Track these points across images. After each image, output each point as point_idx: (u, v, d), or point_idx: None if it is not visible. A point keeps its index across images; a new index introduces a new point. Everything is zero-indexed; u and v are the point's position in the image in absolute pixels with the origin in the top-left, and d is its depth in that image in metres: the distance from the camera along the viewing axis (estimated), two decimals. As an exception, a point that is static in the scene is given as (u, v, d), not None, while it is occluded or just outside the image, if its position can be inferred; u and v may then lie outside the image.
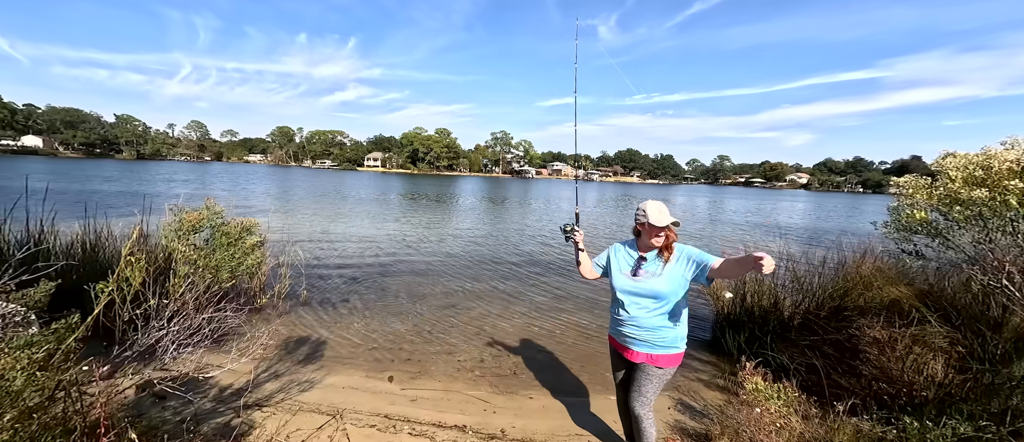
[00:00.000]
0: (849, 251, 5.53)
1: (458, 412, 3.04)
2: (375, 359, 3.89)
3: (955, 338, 3.96)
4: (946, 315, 4.30)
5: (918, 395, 2.75)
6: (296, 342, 4.14)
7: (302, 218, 13.12)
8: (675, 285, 1.97)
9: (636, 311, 2.02)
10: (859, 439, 2.20)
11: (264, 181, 33.52)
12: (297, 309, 5.03)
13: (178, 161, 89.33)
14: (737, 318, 4.37)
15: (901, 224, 2.47)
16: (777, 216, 24.24)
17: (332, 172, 77.08)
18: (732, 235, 14.08)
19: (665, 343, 2.01)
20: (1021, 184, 1.67)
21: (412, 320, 4.89)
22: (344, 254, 8.16)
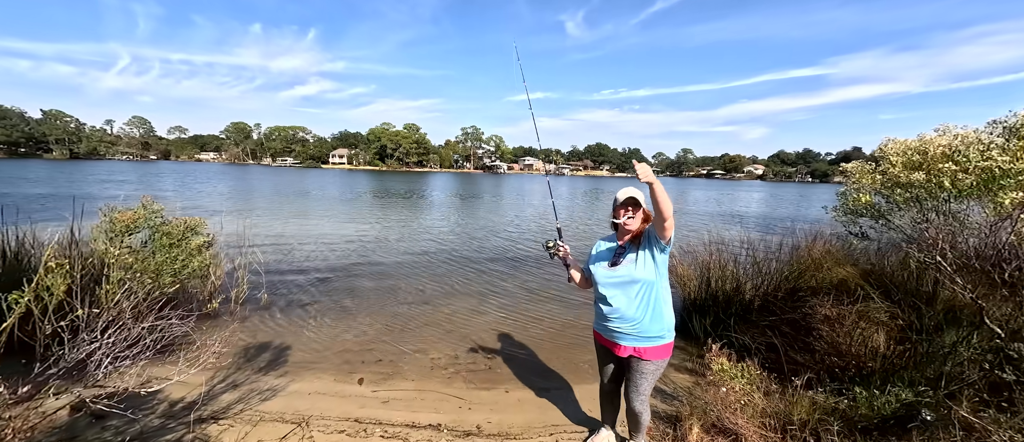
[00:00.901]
0: (802, 236, 5.90)
1: (432, 411, 2.97)
2: (344, 361, 3.73)
3: (895, 312, 4.30)
4: (887, 292, 4.67)
5: (865, 366, 2.96)
6: (257, 349, 3.90)
7: (262, 218, 12.41)
8: (649, 267, 1.94)
9: (618, 302, 1.98)
10: (815, 410, 2.33)
11: (217, 180, 31.42)
12: (258, 314, 4.74)
13: (119, 160, 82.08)
14: (703, 303, 4.54)
15: (848, 208, 2.62)
16: (737, 206, 25.52)
17: (295, 170, 73.46)
18: (698, 225, 14.68)
19: (651, 334, 1.98)
20: (954, 166, 1.80)
21: (383, 320, 4.73)
22: (309, 255, 7.79)
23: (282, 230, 10.42)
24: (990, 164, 1.69)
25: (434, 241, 9.92)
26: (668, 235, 1.84)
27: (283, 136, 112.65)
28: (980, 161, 1.73)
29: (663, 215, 1.72)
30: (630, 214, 1.97)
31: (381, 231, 11.01)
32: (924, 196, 1.96)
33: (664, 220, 1.74)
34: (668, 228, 1.79)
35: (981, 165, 1.72)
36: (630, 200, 1.97)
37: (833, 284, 4.79)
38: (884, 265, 5.01)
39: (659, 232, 1.84)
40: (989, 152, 1.76)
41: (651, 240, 1.92)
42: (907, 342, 3.42)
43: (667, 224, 1.77)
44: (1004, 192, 1.62)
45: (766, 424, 2.40)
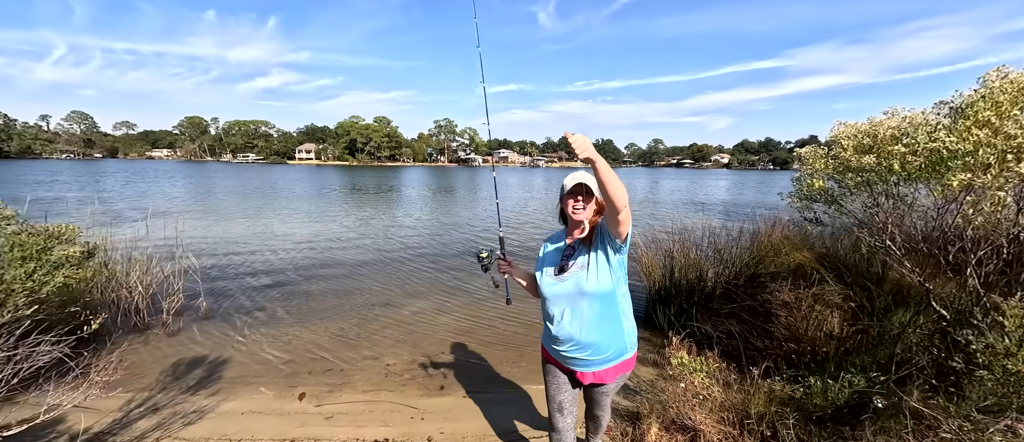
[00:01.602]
0: (762, 222, 6.02)
1: (381, 424, 2.75)
2: (288, 374, 3.43)
3: (847, 294, 4.40)
4: (840, 274, 4.79)
5: (820, 352, 2.97)
6: (188, 365, 3.53)
7: (211, 219, 11.58)
8: (604, 274, 1.53)
9: (569, 320, 1.57)
10: (772, 401, 2.28)
11: (167, 179, 29.32)
12: (195, 324, 4.32)
13: (58, 160, 75.45)
14: (667, 293, 4.51)
15: (803, 193, 2.57)
16: (703, 194, 26.31)
17: (258, 167, 69.90)
18: (666, 214, 14.94)
19: (613, 353, 1.60)
20: (903, 148, 1.74)
21: (337, 325, 4.43)
22: (262, 257, 7.29)
23: (235, 231, 9.74)
24: (937, 145, 1.62)
25: (400, 239, 9.57)
26: (623, 231, 1.44)
27: (244, 131, 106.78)
28: (928, 143, 1.67)
29: (615, 204, 1.33)
30: (580, 204, 1.58)
31: (344, 229, 10.51)
32: (875, 180, 1.90)
33: (617, 211, 1.36)
34: (623, 222, 1.40)
35: (929, 146, 1.65)
36: (579, 187, 1.58)
37: (791, 269, 4.88)
38: (838, 249, 5.16)
39: (612, 227, 1.46)
40: (936, 133, 1.70)
41: (604, 238, 1.53)
42: (858, 322, 3.49)
43: (621, 216, 1.38)
44: (952, 174, 1.56)
45: (724, 418, 2.33)
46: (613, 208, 1.37)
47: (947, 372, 1.92)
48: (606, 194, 1.32)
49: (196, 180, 29.27)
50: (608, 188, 1.30)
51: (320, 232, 9.95)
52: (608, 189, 1.30)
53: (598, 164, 1.24)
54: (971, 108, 1.74)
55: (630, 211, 1.42)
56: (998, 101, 1.62)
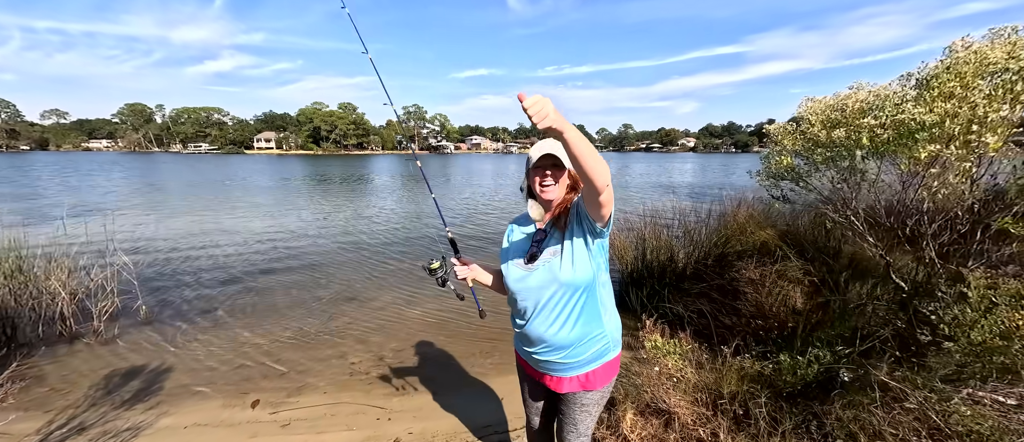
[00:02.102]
0: (728, 203, 6.16)
1: (344, 428, 2.56)
2: (240, 380, 3.15)
3: (808, 269, 4.56)
4: (801, 250, 4.97)
5: (786, 327, 3.04)
6: (123, 376, 3.18)
7: (156, 215, 10.66)
8: (582, 263, 1.27)
9: (542, 320, 1.31)
10: (743, 379, 2.28)
11: (106, 172, 26.84)
12: (133, 331, 3.91)
13: (-26, 153, 67.58)
14: (639, 275, 4.52)
15: (771, 171, 2.55)
16: (672, 177, 27.04)
17: (212, 157, 65.47)
18: (637, 198, 15.21)
19: (594, 354, 1.34)
20: (872, 121, 1.71)
21: (297, 323, 4.14)
22: (214, 255, 6.75)
23: (181, 227, 9.00)
24: (905, 117, 1.59)
25: (365, 231, 9.17)
26: (606, 213, 1.17)
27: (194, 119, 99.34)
28: (896, 115, 1.63)
29: (594, 183, 1.05)
30: (549, 180, 1.32)
31: (306, 222, 9.95)
32: (843, 155, 1.88)
33: (596, 191, 1.08)
34: (605, 203, 1.13)
35: (898, 119, 1.62)
36: (547, 159, 1.31)
37: (756, 247, 5.03)
38: (799, 226, 5.36)
39: (592, 209, 1.18)
40: (904, 105, 1.67)
41: (582, 220, 1.27)
42: (820, 297, 3.61)
43: (602, 197, 1.10)
44: (920, 146, 1.53)
45: (698, 399, 2.31)
46: (592, 188, 1.08)
47: (909, 343, 1.97)
48: (582, 172, 1.04)
49: (138, 173, 26.96)
50: (584, 164, 1.00)
51: (279, 226, 9.36)
52: (584, 165, 1.01)
53: (567, 135, 0.95)
54: (936, 80, 1.72)
55: (612, 190, 1.14)
56: (961, 72, 1.61)
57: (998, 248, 1.99)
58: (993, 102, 1.60)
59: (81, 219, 9.17)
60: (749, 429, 2.01)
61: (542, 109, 0.90)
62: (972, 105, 1.54)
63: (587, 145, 1.00)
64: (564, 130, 0.95)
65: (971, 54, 1.64)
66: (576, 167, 1.05)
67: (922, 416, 1.57)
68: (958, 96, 1.60)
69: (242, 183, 20.20)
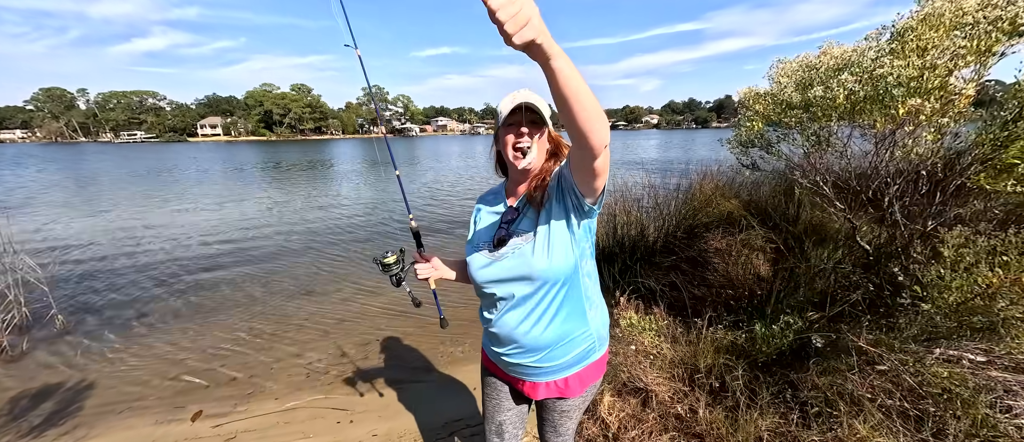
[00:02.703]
0: (695, 176, 6.23)
1: (300, 436, 2.32)
2: (178, 392, 2.80)
3: (771, 237, 4.68)
4: (764, 219, 5.10)
5: (755, 295, 3.07)
6: (34, 397, 2.74)
7: (76, 213, 9.52)
8: (562, 249, 1.01)
9: (513, 317, 1.08)
10: (719, 352, 2.24)
11: (13, 167, 23.78)
12: (48, 345, 3.40)
13: None
14: (610, 251, 4.46)
15: (741, 138, 2.47)
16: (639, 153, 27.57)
17: (149, 146, 59.86)
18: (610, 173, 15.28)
19: (577, 356, 1.11)
20: (850, 77, 1.62)
21: (247, 323, 3.76)
22: (151, 253, 6.07)
23: (106, 225, 8.06)
24: (884, 71, 1.51)
25: (330, 217, 8.62)
26: (599, 184, 0.90)
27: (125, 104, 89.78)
28: (875, 69, 1.54)
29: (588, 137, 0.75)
30: (525, 140, 1.04)
31: (255, 214, 9.21)
32: (817, 116, 1.80)
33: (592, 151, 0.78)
34: (600, 170, 0.85)
35: (876, 74, 1.53)
36: (523, 110, 1.02)
37: (722, 217, 5.12)
38: (762, 194, 5.51)
39: (581, 179, 0.90)
40: (880, 60, 1.58)
41: (565, 195, 0.99)
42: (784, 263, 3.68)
43: (598, 162, 0.82)
44: (900, 102, 1.45)
45: (675, 375, 2.26)
46: (586, 147, 0.77)
47: (878, 305, 1.97)
48: (574, 123, 0.72)
49: (57, 166, 24.06)
50: (579, 110, 0.70)
51: (225, 219, 8.60)
52: (578, 112, 0.70)
53: (555, 60, 0.64)
54: (911, 32, 1.65)
55: (609, 152, 0.84)
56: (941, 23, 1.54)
57: (958, 206, 2.00)
58: (967, 56, 1.54)
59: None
60: (726, 402, 1.97)
61: (519, 12, 0.56)
62: (953, 55, 1.47)
63: (583, 81, 0.69)
64: (551, 52, 0.63)
65: (947, 4, 1.56)
66: (566, 116, 0.72)
67: (896, 379, 1.56)
68: (936, 47, 1.54)
69: (181, 174, 18.51)
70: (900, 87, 1.55)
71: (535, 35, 0.59)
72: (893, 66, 1.57)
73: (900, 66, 1.54)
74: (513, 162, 1.08)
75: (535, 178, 1.09)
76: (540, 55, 0.63)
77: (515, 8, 0.56)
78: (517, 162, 1.06)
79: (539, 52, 0.62)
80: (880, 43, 1.77)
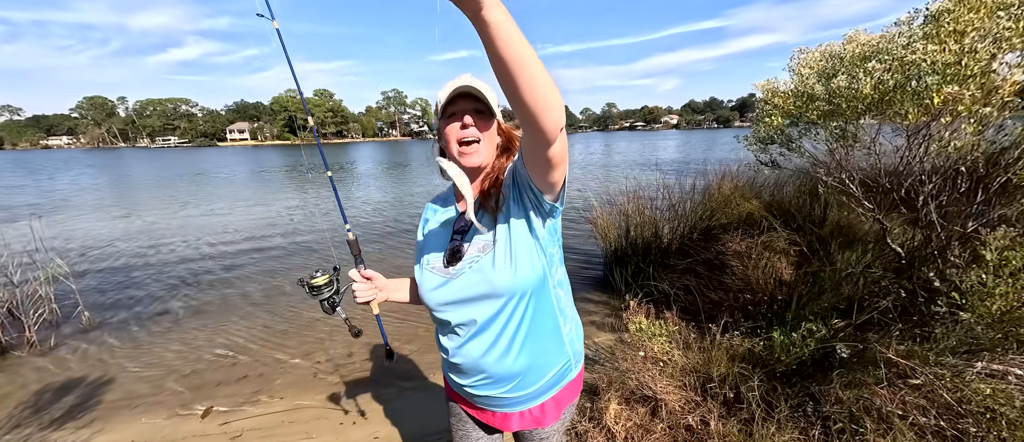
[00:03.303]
0: (713, 176, 6.01)
1: (303, 436, 2.32)
2: (190, 388, 2.86)
3: (794, 239, 4.45)
4: (787, 220, 4.86)
5: (775, 300, 2.90)
6: (57, 391, 2.85)
7: (106, 216, 10.02)
8: (527, 254, 0.88)
9: (476, 345, 0.93)
10: (734, 360, 2.11)
11: (63, 172, 25.31)
12: (73, 340, 3.55)
13: (-81, 155, 63.10)
14: (623, 253, 4.34)
15: (760, 135, 2.34)
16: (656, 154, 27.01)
17: (182, 151, 62.70)
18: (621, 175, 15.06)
19: (552, 379, 0.99)
20: (877, 65, 1.49)
21: (260, 322, 3.83)
22: (173, 252, 6.30)
23: (135, 226, 8.44)
24: (916, 57, 1.37)
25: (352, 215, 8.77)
26: (557, 177, 0.78)
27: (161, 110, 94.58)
28: (906, 55, 1.41)
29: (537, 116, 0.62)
30: (470, 133, 0.89)
31: (276, 214, 9.47)
32: (842, 108, 1.66)
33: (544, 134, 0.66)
34: (556, 159, 0.73)
35: (907, 60, 1.40)
36: (465, 100, 0.89)
37: (742, 219, 4.90)
38: (784, 194, 5.26)
39: (536, 171, 0.78)
40: (913, 45, 1.45)
41: (522, 194, 0.87)
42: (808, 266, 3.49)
43: (553, 149, 0.70)
44: (933, 90, 1.32)
45: (686, 383, 2.14)
46: (536, 129, 0.65)
47: (911, 313, 1.82)
48: (518, 93, 0.59)
49: (96, 170, 25.48)
50: (520, 75, 0.56)
51: (245, 220, 8.87)
52: (520, 78, 0.57)
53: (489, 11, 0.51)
54: (948, 14, 1.51)
55: (566, 139, 0.73)
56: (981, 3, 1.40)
57: (1003, 206, 1.82)
58: (1013, 39, 1.39)
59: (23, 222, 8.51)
60: (741, 414, 1.84)
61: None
62: (996, 39, 1.32)
63: (524, 40, 0.55)
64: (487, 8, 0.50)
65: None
66: (509, 89, 0.59)
67: (932, 394, 1.41)
68: (976, 29, 1.39)
69: (210, 177, 19.28)
70: (935, 74, 1.42)
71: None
72: (927, 51, 1.43)
73: (935, 51, 1.40)
74: (459, 159, 0.91)
75: (487, 177, 0.95)
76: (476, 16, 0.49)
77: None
78: (464, 159, 0.90)
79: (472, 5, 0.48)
80: (912, 28, 1.63)
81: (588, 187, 11.09)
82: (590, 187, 10.74)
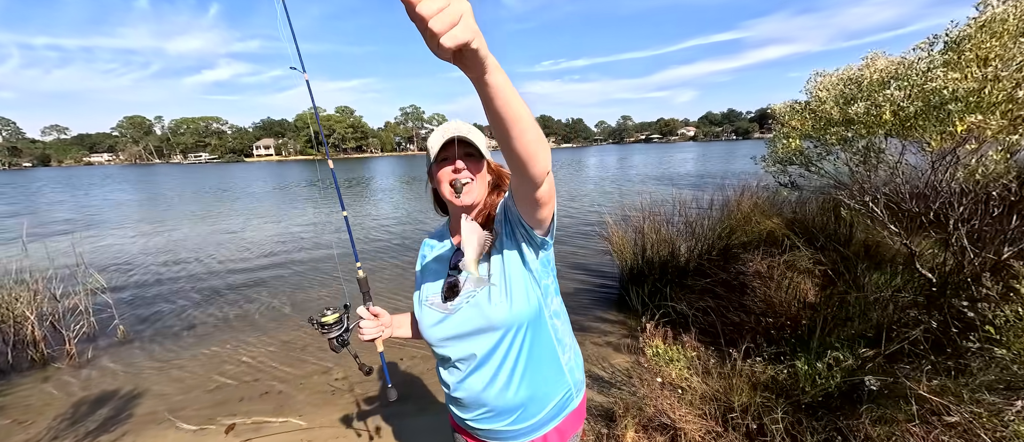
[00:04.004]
0: (731, 191, 5.91)
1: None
2: (216, 403, 2.95)
3: (818, 259, 4.31)
4: (810, 239, 4.72)
5: (799, 324, 2.81)
6: (93, 403, 2.99)
7: (141, 231, 10.53)
8: (522, 286, 0.92)
9: (477, 379, 0.96)
10: (756, 389, 2.05)
11: (99, 188, 26.81)
12: (109, 353, 3.72)
13: (-24, 172, 68.05)
14: (639, 271, 4.29)
15: (778, 156, 2.32)
16: (672, 167, 26.69)
17: (212, 166, 65.57)
18: (635, 190, 14.94)
19: (553, 409, 1.00)
20: (897, 93, 1.48)
21: (282, 338, 3.94)
22: (203, 267, 6.57)
23: (169, 240, 8.83)
24: (937, 85, 1.36)
25: (372, 229, 8.97)
26: (545, 214, 0.83)
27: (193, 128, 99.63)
28: (926, 84, 1.40)
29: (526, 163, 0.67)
30: (464, 175, 0.94)
31: (300, 229, 9.77)
32: (862, 134, 1.64)
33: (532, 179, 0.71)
34: (543, 199, 0.77)
35: (927, 88, 1.39)
36: (457, 147, 0.93)
37: (762, 237, 4.79)
38: (807, 212, 5.12)
39: (525, 210, 0.82)
40: (933, 72, 1.43)
41: (513, 230, 0.92)
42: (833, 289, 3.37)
43: (541, 191, 0.74)
44: (955, 118, 1.29)
45: (706, 412, 2.09)
46: (525, 175, 0.70)
47: (945, 344, 1.74)
48: (511, 146, 0.64)
49: (131, 186, 26.89)
50: (515, 133, 0.61)
51: (272, 234, 9.18)
52: (515, 136, 0.62)
53: (491, 73, 0.54)
54: (969, 41, 1.49)
55: (553, 180, 0.78)
56: (1004, 29, 1.38)
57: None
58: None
59: (64, 237, 9.04)
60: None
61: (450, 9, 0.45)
62: (1020, 66, 1.30)
63: (519, 98, 0.60)
64: (488, 62, 0.52)
65: (1012, 5, 1.39)
66: (503, 141, 0.64)
67: (968, 434, 1.35)
68: (998, 57, 1.37)
69: (237, 192, 20.08)
70: (957, 102, 1.39)
71: (469, 37, 0.47)
72: (948, 79, 1.41)
73: (956, 79, 1.38)
74: (451, 200, 0.97)
75: (479, 213, 1.00)
76: (474, 65, 0.52)
77: (442, 1, 0.45)
78: (455, 200, 0.95)
79: (473, 61, 0.51)
80: (932, 54, 1.61)
81: (602, 204, 11.04)
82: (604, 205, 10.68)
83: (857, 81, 1.85)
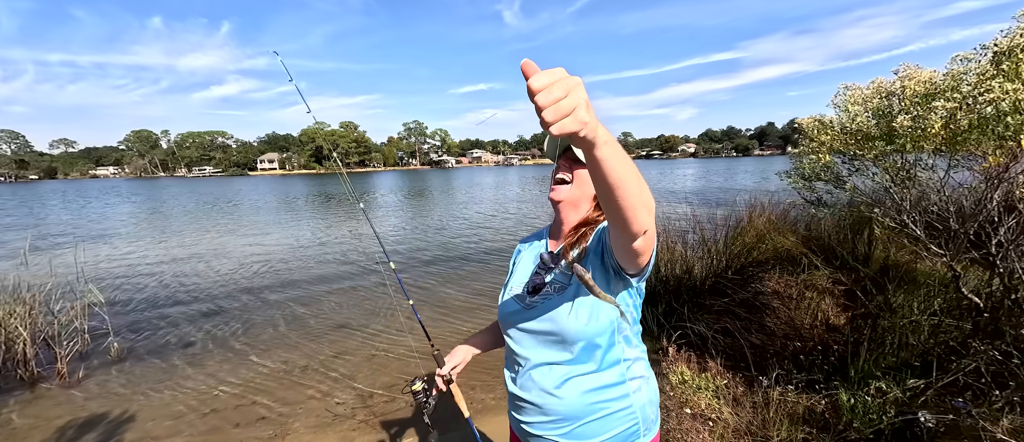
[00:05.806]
0: (743, 207, 5.80)
1: (320, 488, 2.19)
2: (210, 429, 2.79)
3: (837, 277, 4.16)
4: (828, 256, 4.58)
5: (829, 348, 2.65)
6: (79, 427, 2.82)
7: (141, 242, 10.43)
8: (596, 312, 0.90)
9: (536, 376, 0.96)
10: (794, 424, 1.89)
11: (106, 199, 26.90)
12: (101, 372, 3.57)
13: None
14: (653, 291, 4.14)
15: (804, 173, 2.21)
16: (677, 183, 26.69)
17: (215, 180, 66.03)
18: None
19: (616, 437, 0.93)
20: (950, 104, 1.38)
21: (280, 358, 3.78)
22: (200, 282, 6.43)
23: (167, 254, 8.72)
24: (994, 96, 1.26)
25: (364, 251, 8.85)
26: (642, 261, 0.80)
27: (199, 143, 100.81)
28: (983, 95, 1.30)
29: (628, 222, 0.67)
30: (561, 174, 1.01)
31: (301, 244, 9.65)
32: (907, 148, 1.54)
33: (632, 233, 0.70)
34: (641, 250, 0.76)
35: (986, 98, 1.29)
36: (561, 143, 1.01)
37: (778, 255, 4.66)
38: (822, 228, 4.99)
39: (621, 251, 0.79)
40: (986, 83, 1.33)
41: (605, 259, 0.90)
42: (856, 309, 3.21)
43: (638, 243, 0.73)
44: (1017, 131, 1.19)
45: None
46: (623, 231, 0.70)
47: (1004, 376, 1.59)
48: (612, 206, 0.66)
49: (135, 199, 26.98)
50: (617, 194, 0.63)
51: (271, 249, 9.05)
52: (617, 196, 0.63)
53: (600, 149, 0.56)
54: (1021, 51, 1.39)
55: (655, 231, 0.77)
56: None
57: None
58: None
59: (60, 250, 8.95)
60: (810, 489, 1.62)
61: (563, 98, 0.48)
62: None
63: (630, 168, 0.61)
64: (597, 142, 0.55)
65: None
66: (605, 201, 0.66)
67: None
68: (1062, 67, 1.28)
69: (240, 205, 20.06)
70: (1018, 114, 1.29)
71: (576, 128, 0.51)
72: (1005, 90, 1.31)
73: (1015, 89, 1.29)
74: (550, 194, 1.04)
75: (574, 230, 1.01)
76: (583, 145, 0.56)
77: (558, 93, 0.48)
78: (551, 194, 1.03)
79: (582, 143, 0.56)
80: (981, 64, 1.52)
81: (609, 217, 10.92)
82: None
83: (894, 93, 1.76)
